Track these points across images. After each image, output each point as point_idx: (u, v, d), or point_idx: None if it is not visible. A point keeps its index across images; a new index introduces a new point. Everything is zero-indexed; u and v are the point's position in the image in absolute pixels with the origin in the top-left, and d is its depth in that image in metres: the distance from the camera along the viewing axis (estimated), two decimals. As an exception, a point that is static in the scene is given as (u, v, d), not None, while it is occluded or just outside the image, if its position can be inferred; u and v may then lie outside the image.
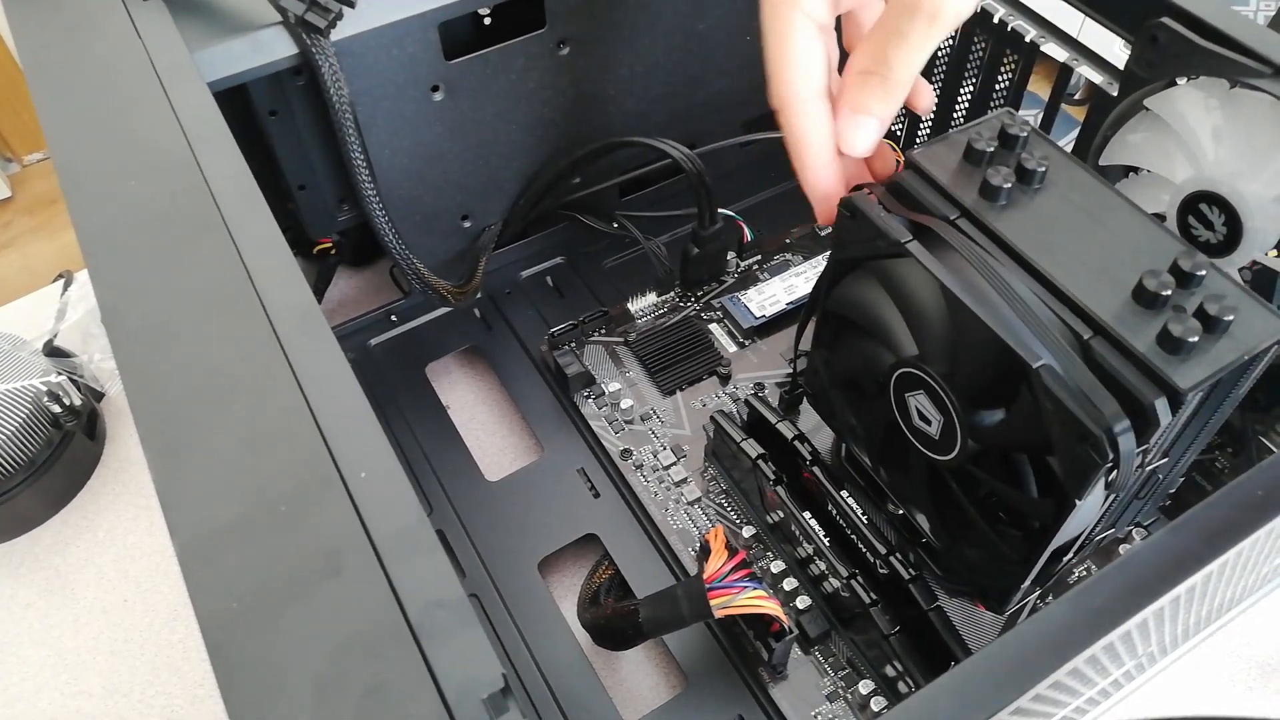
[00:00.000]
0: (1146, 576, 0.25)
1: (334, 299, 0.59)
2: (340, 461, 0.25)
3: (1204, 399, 0.30)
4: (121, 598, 0.48)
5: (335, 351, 0.27)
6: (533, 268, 0.58)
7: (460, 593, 0.23)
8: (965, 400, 0.32)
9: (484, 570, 0.45)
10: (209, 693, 0.45)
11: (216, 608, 0.22)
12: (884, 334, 0.34)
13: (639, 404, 0.50)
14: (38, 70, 0.36)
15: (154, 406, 0.26)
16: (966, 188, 0.32)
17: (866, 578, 0.39)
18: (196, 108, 0.34)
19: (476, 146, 0.51)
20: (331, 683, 0.21)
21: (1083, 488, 0.29)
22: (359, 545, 0.23)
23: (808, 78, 0.33)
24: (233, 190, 0.31)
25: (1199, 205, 0.38)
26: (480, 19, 0.47)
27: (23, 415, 0.48)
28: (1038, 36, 0.48)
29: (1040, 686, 0.23)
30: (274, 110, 0.45)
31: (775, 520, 0.44)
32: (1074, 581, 0.43)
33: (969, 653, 0.37)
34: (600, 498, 0.48)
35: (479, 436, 0.52)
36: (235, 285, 0.29)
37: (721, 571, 0.39)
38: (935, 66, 0.56)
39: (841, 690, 0.40)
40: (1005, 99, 0.52)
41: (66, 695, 0.45)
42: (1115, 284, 0.29)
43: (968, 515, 0.34)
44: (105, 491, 0.52)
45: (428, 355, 0.55)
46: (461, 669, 0.21)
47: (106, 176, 0.32)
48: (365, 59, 0.44)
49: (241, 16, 0.41)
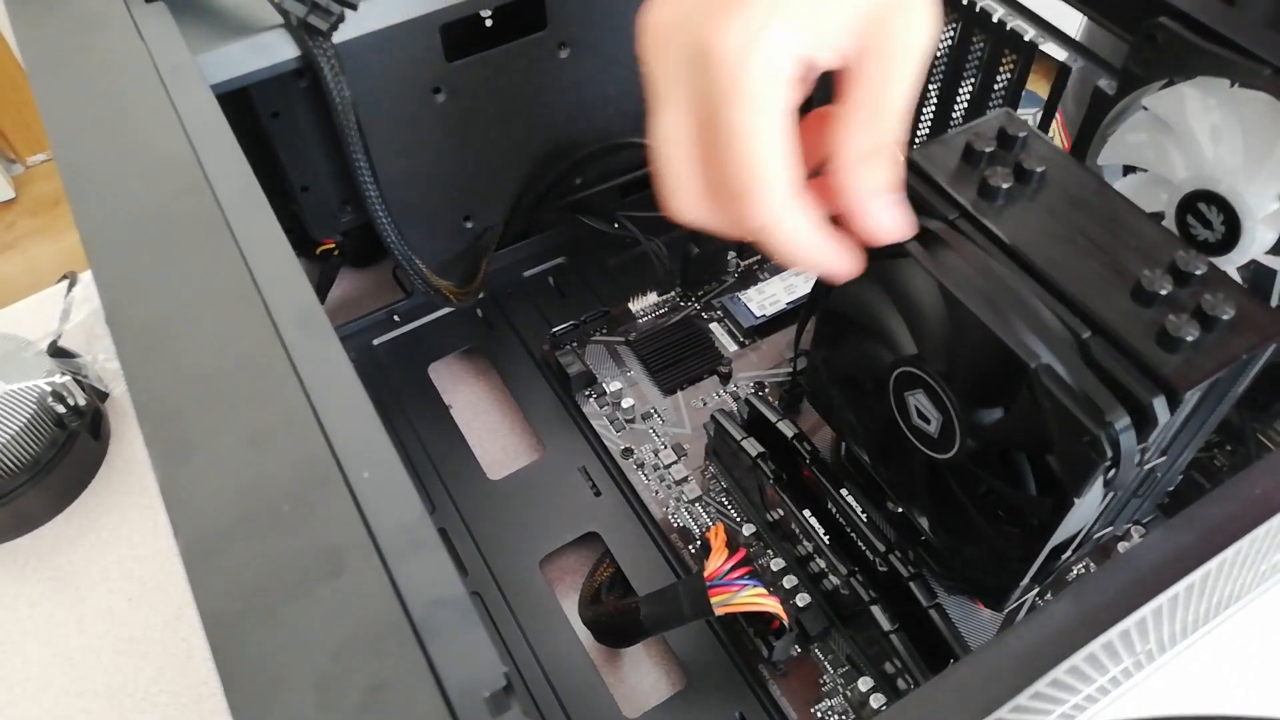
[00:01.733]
0: (1145, 574, 0.25)
1: (337, 299, 0.59)
2: (343, 461, 0.25)
3: (1202, 397, 0.30)
4: (126, 597, 0.48)
5: (338, 351, 0.27)
6: (534, 268, 0.58)
7: (462, 591, 0.23)
8: (964, 399, 0.32)
9: (486, 568, 0.45)
10: (213, 691, 0.45)
11: (220, 607, 0.22)
12: (883, 333, 0.34)
13: (640, 403, 0.50)
14: (41, 72, 0.36)
15: (157, 406, 0.26)
16: (965, 188, 0.32)
17: (866, 575, 0.39)
18: (199, 110, 0.34)
19: (478, 148, 0.51)
20: (334, 681, 0.21)
21: (1081, 486, 0.29)
22: (361, 544, 0.23)
23: (791, 176, 0.27)
24: (235, 192, 0.31)
25: (1197, 204, 0.38)
26: (481, 21, 0.48)
27: (27, 415, 0.48)
28: (1037, 36, 0.48)
29: (1039, 684, 0.23)
30: (276, 112, 0.46)
31: (775, 518, 0.44)
32: (1073, 579, 0.44)
33: (968, 650, 0.37)
34: (601, 496, 0.48)
35: (481, 435, 0.52)
36: (238, 286, 0.29)
37: (722, 569, 0.39)
38: (934, 67, 0.56)
39: (841, 687, 0.41)
40: (1004, 99, 0.52)
41: (71, 694, 0.45)
42: (1113, 283, 0.29)
43: (967, 513, 0.34)
44: (109, 491, 0.52)
45: (430, 355, 0.55)
46: (463, 667, 0.21)
47: (110, 178, 0.32)
48: (367, 61, 0.44)
49: (244, 19, 0.41)
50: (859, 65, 0.27)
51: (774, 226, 0.27)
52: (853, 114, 0.28)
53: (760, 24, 0.26)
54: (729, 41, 0.26)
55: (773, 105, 0.26)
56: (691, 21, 0.27)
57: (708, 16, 0.26)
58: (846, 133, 0.28)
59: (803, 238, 0.28)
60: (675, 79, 0.28)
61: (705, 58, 0.26)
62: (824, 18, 0.27)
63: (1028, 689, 0.23)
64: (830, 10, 0.27)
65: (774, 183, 0.27)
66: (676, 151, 0.28)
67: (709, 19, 0.26)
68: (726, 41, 0.26)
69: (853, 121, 0.28)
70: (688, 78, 0.27)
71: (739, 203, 0.27)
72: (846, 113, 0.28)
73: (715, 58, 0.26)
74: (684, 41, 0.27)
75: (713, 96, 0.26)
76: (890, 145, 0.28)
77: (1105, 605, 0.24)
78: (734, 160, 0.26)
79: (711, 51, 0.26)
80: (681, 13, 0.27)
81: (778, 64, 0.26)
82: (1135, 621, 0.25)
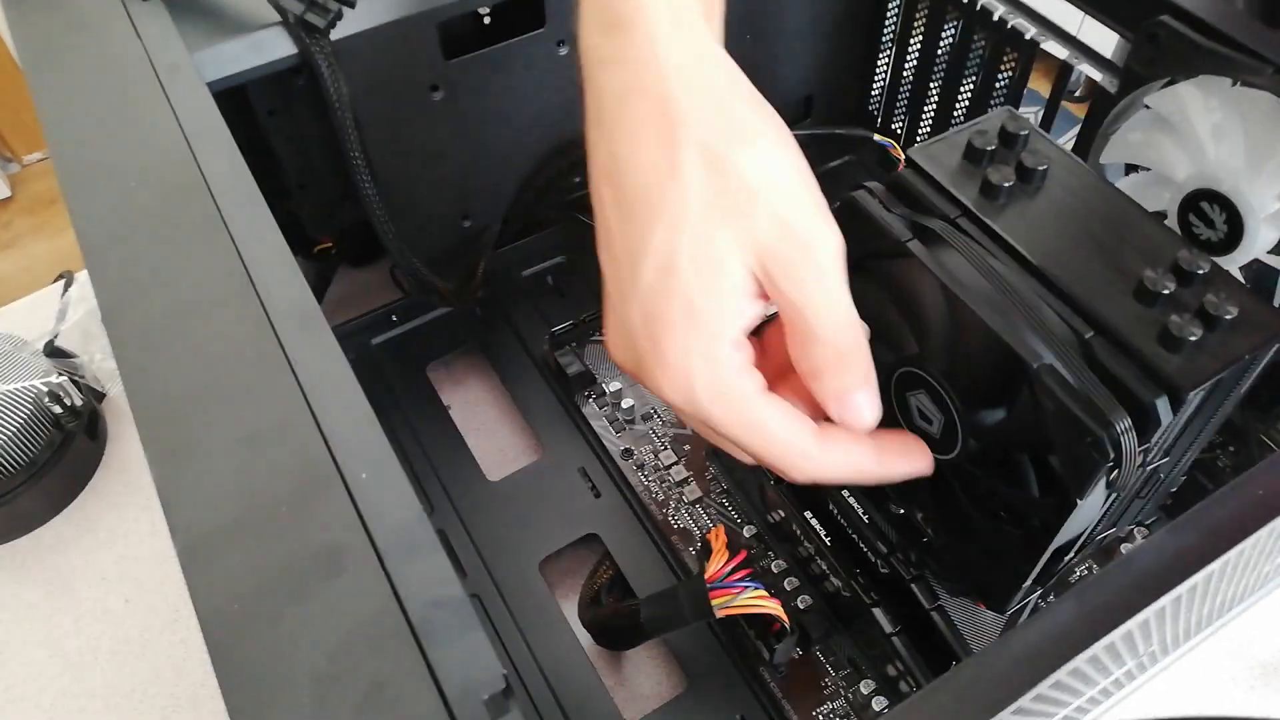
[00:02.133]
0: (1148, 575, 0.25)
1: (334, 298, 0.59)
2: (341, 461, 0.25)
3: (1205, 398, 0.30)
4: (123, 598, 0.48)
5: (335, 351, 0.27)
6: (533, 267, 0.58)
7: (461, 593, 0.23)
8: (965, 399, 0.32)
9: (485, 570, 0.45)
10: (211, 693, 0.44)
11: (217, 608, 0.22)
12: (885, 334, 0.34)
13: (640, 403, 0.50)
14: (37, 70, 0.36)
15: (155, 407, 0.26)
16: (967, 187, 0.32)
17: (867, 577, 0.39)
18: (196, 108, 0.34)
19: (476, 146, 0.51)
20: (332, 683, 0.21)
21: (1084, 487, 0.29)
22: (360, 545, 0.23)
23: (808, 435, 0.29)
24: (232, 190, 0.31)
25: (1200, 203, 0.38)
26: (480, 18, 0.47)
27: (24, 416, 0.48)
28: (1038, 34, 0.48)
29: (1042, 686, 0.23)
30: (273, 110, 0.45)
31: (776, 520, 0.44)
32: (1075, 581, 0.43)
33: (970, 652, 0.37)
34: (601, 497, 0.48)
35: (480, 436, 0.52)
36: (235, 285, 0.29)
37: (723, 571, 0.39)
38: (935, 65, 0.56)
39: (843, 690, 0.40)
40: (1005, 97, 0.52)
41: (68, 695, 0.45)
42: (1116, 283, 0.29)
43: (969, 515, 0.34)
44: (107, 492, 0.52)
45: (428, 355, 0.55)
46: (462, 669, 0.21)
47: (106, 176, 0.32)
48: (365, 59, 0.44)
49: (241, 17, 0.41)
50: (773, 295, 0.27)
51: (826, 475, 0.29)
52: (790, 339, 0.28)
53: (683, 353, 0.27)
54: (673, 392, 0.27)
55: (758, 397, 0.28)
56: (639, 368, 0.28)
57: (645, 367, 0.28)
58: (793, 353, 0.28)
59: (855, 462, 0.29)
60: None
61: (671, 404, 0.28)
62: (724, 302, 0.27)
63: (1030, 691, 0.23)
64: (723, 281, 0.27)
65: (797, 451, 0.28)
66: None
67: (647, 372, 0.28)
68: (672, 394, 0.28)
69: (792, 345, 0.28)
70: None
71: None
72: (787, 335, 0.28)
73: (677, 408, 0.28)
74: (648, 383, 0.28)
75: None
76: (837, 355, 0.28)
77: (1108, 607, 0.24)
78: (756, 455, 0.29)
79: (670, 402, 0.28)
80: (629, 357, 0.29)
81: (727, 367, 0.27)
82: (1138, 623, 0.25)
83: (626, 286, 0.28)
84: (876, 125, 0.63)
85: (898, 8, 0.57)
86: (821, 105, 0.62)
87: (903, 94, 0.60)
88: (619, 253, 0.28)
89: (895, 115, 0.61)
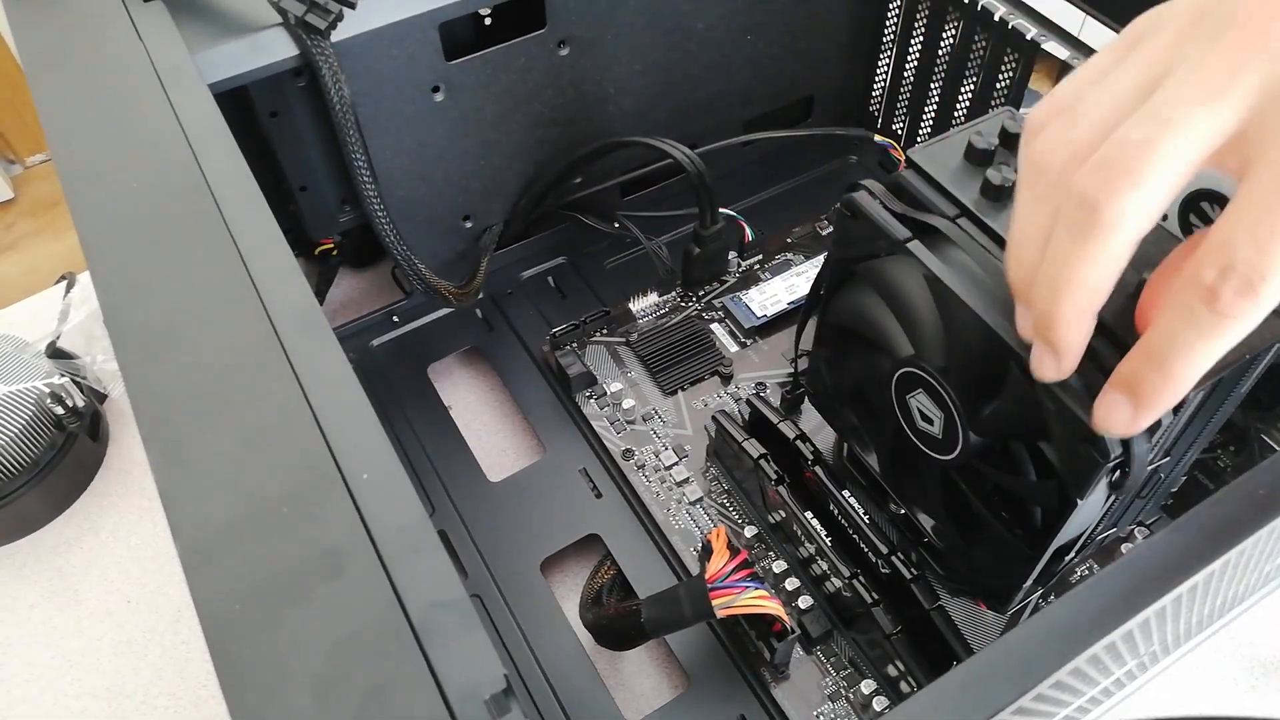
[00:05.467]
0: (1149, 575, 0.25)
1: (336, 300, 0.59)
2: (342, 462, 0.25)
3: (1206, 397, 0.30)
4: (125, 599, 0.48)
5: (337, 352, 0.27)
6: (534, 268, 0.58)
7: (462, 593, 0.23)
8: (967, 399, 0.32)
9: (486, 570, 0.45)
10: (212, 693, 0.45)
11: (219, 608, 0.22)
12: (885, 334, 0.34)
13: (641, 404, 0.50)
14: (39, 72, 0.36)
15: (156, 408, 0.26)
16: (967, 187, 0.32)
17: (868, 577, 0.39)
18: (197, 109, 0.34)
19: (477, 147, 0.51)
20: (333, 683, 0.21)
21: (1085, 487, 0.29)
22: (361, 546, 0.23)
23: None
24: (234, 191, 0.31)
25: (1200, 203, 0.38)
26: (480, 19, 0.47)
27: (26, 417, 0.48)
28: (1039, 35, 0.48)
29: (1042, 686, 0.23)
30: (275, 111, 0.45)
31: (777, 520, 0.44)
32: (1076, 581, 0.43)
33: (971, 652, 0.37)
34: (602, 498, 0.48)
35: (481, 437, 0.52)
36: (237, 286, 0.29)
37: (723, 571, 0.39)
38: (936, 66, 0.56)
39: (843, 690, 0.40)
40: (1006, 98, 0.52)
41: (70, 696, 0.45)
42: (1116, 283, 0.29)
43: (971, 515, 0.34)
44: (108, 493, 0.52)
45: (429, 356, 0.55)
46: (463, 670, 0.21)
47: (108, 178, 0.32)
48: (366, 60, 0.44)
49: (242, 18, 0.41)
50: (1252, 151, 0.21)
51: (1052, 314, 0.25)
52: (1230, 214, 0.21)
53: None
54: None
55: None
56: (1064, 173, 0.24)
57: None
58: (1216, 232, 0.21)
59: (1064, 332, 0.25)
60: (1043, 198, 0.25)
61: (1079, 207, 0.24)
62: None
63: (1031, 691, 0.23)
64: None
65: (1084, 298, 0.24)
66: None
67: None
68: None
69: (1224, 223, 0.21)
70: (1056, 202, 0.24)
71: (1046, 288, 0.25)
72: (1226, 215, 0.21)
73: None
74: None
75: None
76: (1247, 282, 0.21)
77: (1109, 607, 0.24)
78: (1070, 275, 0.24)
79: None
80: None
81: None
82: (1139, 623, 0.25)
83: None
84: (877, 126, 0.63)
85: (899, 8, 0.57)
86: (822, 105, 0.62)
87: (903, 94, 0.60)
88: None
89: (896, 116, 0.61)
